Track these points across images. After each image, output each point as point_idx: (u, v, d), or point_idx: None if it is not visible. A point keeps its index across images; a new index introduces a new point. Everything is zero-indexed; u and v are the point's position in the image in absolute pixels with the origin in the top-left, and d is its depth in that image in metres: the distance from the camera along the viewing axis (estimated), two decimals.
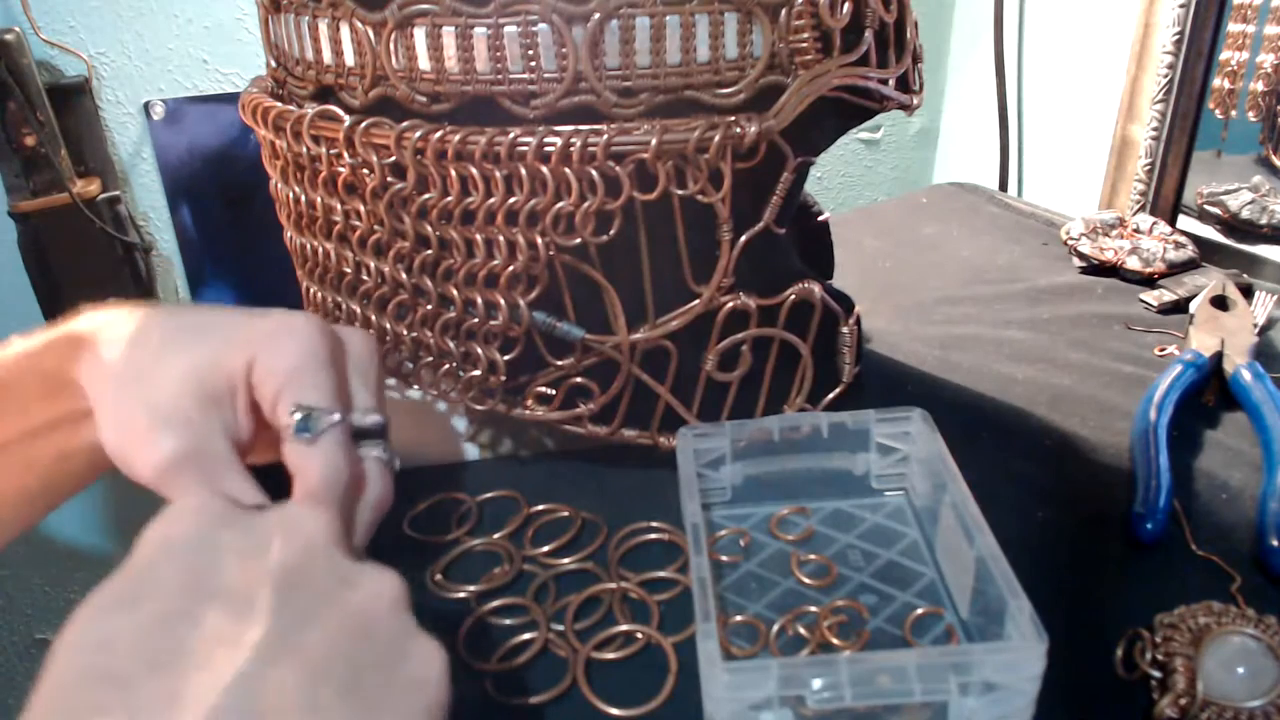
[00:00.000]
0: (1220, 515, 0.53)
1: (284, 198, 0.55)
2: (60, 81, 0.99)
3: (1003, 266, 0.86)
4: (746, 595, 0.48)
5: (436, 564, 0.52)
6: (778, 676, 0.36)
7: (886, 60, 0.51)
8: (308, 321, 0.37)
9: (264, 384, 0.36)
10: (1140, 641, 0.43)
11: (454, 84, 0.46)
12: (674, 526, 0.53)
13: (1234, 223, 0.89)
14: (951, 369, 0.69)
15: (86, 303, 0.39)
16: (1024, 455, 0.59)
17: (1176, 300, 0.76)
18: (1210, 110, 0.90)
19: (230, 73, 1.06)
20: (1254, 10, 0.85)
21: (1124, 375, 0.67)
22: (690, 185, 0.47)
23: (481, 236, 0.48)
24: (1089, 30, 1.08)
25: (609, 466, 0.58)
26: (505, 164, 0.46)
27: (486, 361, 0.52)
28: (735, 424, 0.52)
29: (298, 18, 0.50)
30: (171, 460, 0.34)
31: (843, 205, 1.41)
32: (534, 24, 0.44)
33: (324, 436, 0.35)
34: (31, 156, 0.96)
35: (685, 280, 0.51)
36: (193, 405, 0.35)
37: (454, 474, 0.59)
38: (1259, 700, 0.40)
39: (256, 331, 0.36)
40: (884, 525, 0.52)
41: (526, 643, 0.47)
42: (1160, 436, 0.56)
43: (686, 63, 0.46)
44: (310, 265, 0.56)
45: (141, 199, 1.08)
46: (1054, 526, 0.53)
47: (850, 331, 0.56)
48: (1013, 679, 0.36)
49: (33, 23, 0.96)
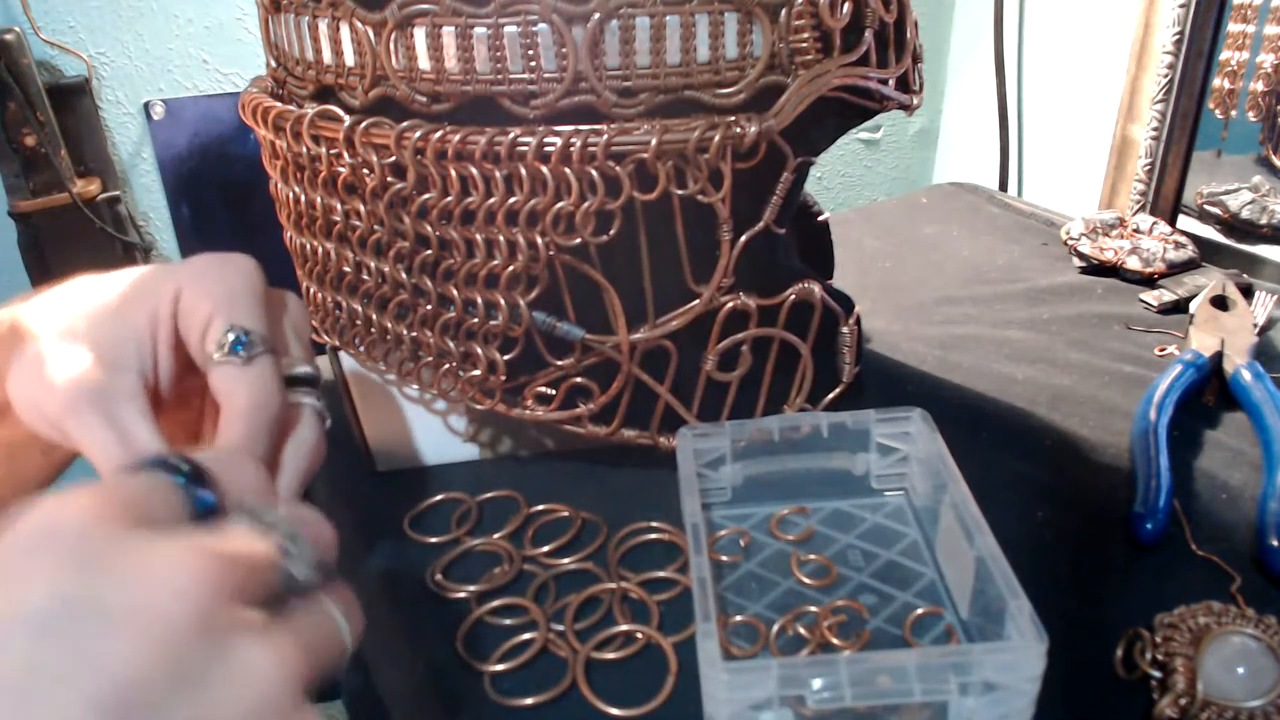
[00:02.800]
0: (1220, 515, 0.53)
1: (284, 198, 0.55)
2: (60, 81, 0.99)
3: (1003, 266, 0.86)
4: (746, 595, 0.48)
5: (436, 564, 0.52)
6: (778, 676, 0.36)
7: (886, 60, 0.51)
8: (246, 259, 0.35)
9: (194, 310, 0.34)
10: (1140, 641, 0.43)
11: (454, 84, 0.46)
12: (674, 526, 0.53)
13: (1234, 223, 0.89)
14: (951, 369, 0.69)
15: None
16: (1024, 455, 0.59)
17: (1176, 300, 0.76)
18: (1210, 110, 0.91)
19: (230, 73, 1.06)
20: (1254, 10, 0.85)
21: (1124, 375, 0.67)
22: (690, 185, 0.47)
23: (481, 236, 0.48)
24: (1089, 30, 1.08)
25: (609, 466, 0.58)
26: (505, 164, 0.46)
27: (486, 361, 0.52)
28: (735, 424, 0.52)
29: (298, 18, 0.50)
30: (74, 392, 0.32)
31: (843, 205, 1.41)
32: (534, 24, 0.44)
33: (257, 359, 0.33)
34: (31, 156, 0.96)
35: (685, 280, 0.51)
36: (105, 337, 0.33)
37: (454, 474, 0.59)
38: (1259, 700, 0.40)
39: (189, 265, 0.35)
40: (884, 525, 0.52)
41: (526, 643, 0.47)
42: (1160, 436, 0.56)
43: (686, 63, 0.46)
44: (310, 265, 0.56)
45: (141, 199, 1.08)
46: (1054, 526, 0.53)
47: (850, 331, 0.56)
48: (1013, 679, 0.36)
49: (33, 23, 0.96)
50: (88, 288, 0.36)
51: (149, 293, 0.34)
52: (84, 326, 0.33)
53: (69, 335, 0.33)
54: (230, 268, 0.35)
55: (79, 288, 0.36)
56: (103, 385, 0.32)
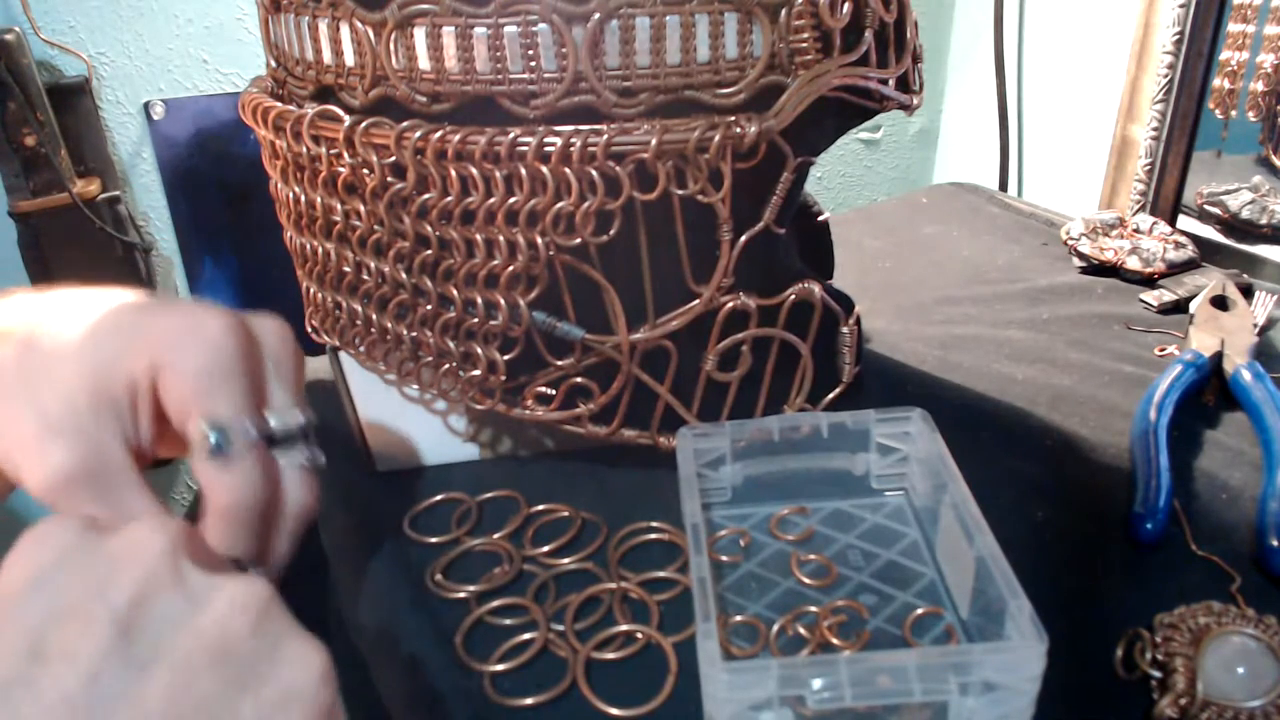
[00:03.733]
0: (1220, 515, 0.53)
1: (284, 198, 0.55)
2: (60, 81, 0.99)
3: (1003, 266, 0.86)
4: (746, 595, 0.48)
5: (436, 564, 0.52)
6: (778, 676, 0.36)
7: (886, 60, 0.51)
8: (216, 318, 0.34)
9: (171, 392, 0.33)
10: (1140, 641, 0.43)
11: (454, 84, 0.46)
12: (674, 526, 0.53)
13: (1234, 223, 0.89)
14: (951, 369, 0.69)
15: None
16: (1024, 455, 0.59)
17: (1176, 300, 0.76)
18: (1210, 110, 0.91)
19: (230, 73, 1.06)
20: (1254, 10, 0.85)
21: (1124, 375, 0.67)
22: (690, 185, 0.47)
23: (481, 236, 0.48)
24: (1089, 30, 1.08)
25: (609, 466, 0.58)
26: (505, 164, 0.46)
27: (486, 361, 0.52)
28: (735, 424, 0.52)
29: (298, 18, 0.50)
30: (63, 474, 0.31)
31: (843, 205, 1.41)
32: (534, 24, 0.44)
33: (238, 457, 0.33)
34: (31, 156, 0.96)
35: (685, 280, 0.51)
36: (88, 412, 0.32)
37: (454, 474, 0.59)
38: (1259, 700, 0.40)
39: (161, 330, 0.33)
40: (884, 525, 0.52)
41: (526, 643, 0.47)
42: (1160, 436, 0.56)
43: (686, 63, 0.46)
44: (310, 265, 0.56)
45: (141, 199, 1.08)
46: (1054, 526, 0.53)
47: (850, 331, 0.56)
48: (1013, 679, 0.36)
49: (33, 23, 0.96)
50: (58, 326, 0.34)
51: (127, 362, 0.33)
52: (66, 395, 0.32)
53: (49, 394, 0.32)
54: (200, 342, 0.33)
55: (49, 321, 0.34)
56: (94, 467, 0.32)
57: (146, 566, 0.28)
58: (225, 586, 0.28)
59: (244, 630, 0.28)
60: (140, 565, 0.28)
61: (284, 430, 0.35)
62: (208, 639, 0.27)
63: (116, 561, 0.28)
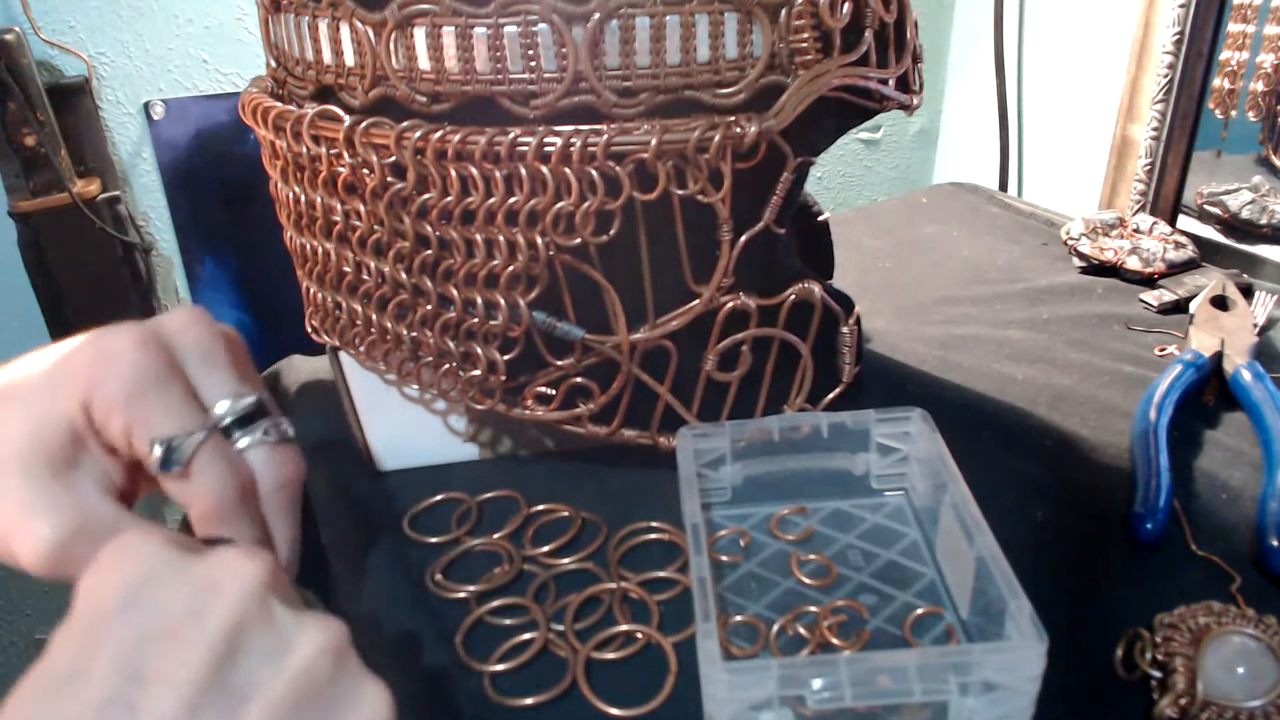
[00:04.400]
0: (1220, 515, 0.53)
1: (284, 198, 0.55)
2: (60, 81, 0.99)
3: (1003, 266, 0.86)
4: (746, 595, 0.48)
5: (436, 564, 0.52)
6: (778, 676, 0.36)
7: (886, 60, 0.51)
8: (118, 337, 0.32)
9: (108, 423, 0.32)
10: (1140, 641, 0.43)
11: (454, 84, 0.46)
12: (674, 526, 0.53)
13: (1234, 223, 0.89)
14: (951, 369, 0.69)
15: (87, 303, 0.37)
16: (1024, 455, 0.59)
17: (1176, 300, 0.76)
18: (1210, 110, 0.90)
19: (230, 73, 1.06)
20: (1254, 10, 0.85)
21: (1124, 375, 0.67)
22: (690, 185, 0.47)
23: (481, 236, 0.48)
24: (1089, 30, 1.08)
25: (609, 466, 0.58)
26: (505, 164, 0.46)
27: (486, 361, 0.52)
28: (735, 424, 0.52)
29: (298, 18, 0.50)
30: (53, 544, 0.31)
31: (843, 205, 1.41)
32: (534, 24, 0.44)
33: (194, 461, 0.32)
34: (31, 156, 0.96)
35: (685, 280, 0.51)
36: (49, 476, 0.31)
37: (454, 474, 0.59)
38: (1259, 700, 0.40)
39: (74, 368, 0.32)
40: (884, 525, 0.52)
41: (526, 643, 0.47)
42: (1160, 436, 0.56)
43: (686, 63, 0.46)
44: (310, 265, 0.56)
45: (141, 199, 1.08)
46: (1054, 526, 0.53)
47: (850, 331, 0.56)
48: (1013, 679, 0.36)
49: (33, 23, 0.96)
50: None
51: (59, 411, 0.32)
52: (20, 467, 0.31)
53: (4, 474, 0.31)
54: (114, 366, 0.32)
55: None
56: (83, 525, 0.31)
57: (241, 597, 0.28)
58: (308, 626, 0.28)
59: (326, 673, 0.28)
60: (235, 595, 0.27)
61: (236, 414, 0.34)
62: (297, 681, 0.27)
63: (212, 587, 0.28)
